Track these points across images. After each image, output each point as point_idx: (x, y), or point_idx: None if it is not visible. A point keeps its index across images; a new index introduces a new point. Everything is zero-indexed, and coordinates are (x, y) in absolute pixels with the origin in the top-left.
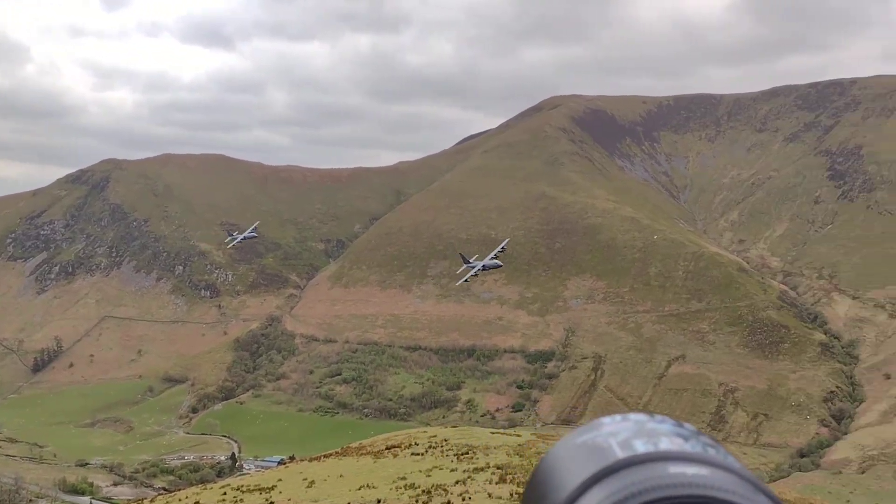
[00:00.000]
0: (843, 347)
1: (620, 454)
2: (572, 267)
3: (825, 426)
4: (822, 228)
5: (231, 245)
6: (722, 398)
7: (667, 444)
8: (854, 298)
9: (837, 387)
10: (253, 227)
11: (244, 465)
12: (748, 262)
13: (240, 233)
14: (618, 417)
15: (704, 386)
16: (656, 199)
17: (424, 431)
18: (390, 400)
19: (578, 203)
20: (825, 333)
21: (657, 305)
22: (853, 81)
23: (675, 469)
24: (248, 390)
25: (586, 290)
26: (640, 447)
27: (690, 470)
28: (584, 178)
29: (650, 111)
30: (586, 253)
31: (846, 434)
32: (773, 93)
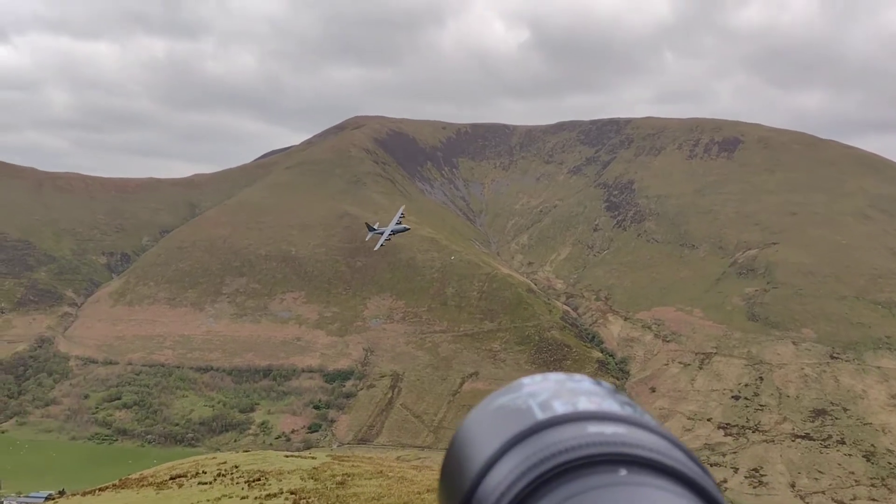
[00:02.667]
0: (616, 364)
1: (540, 415)
2: (373, 286)
3: None
4: (599, 254)
5: (379, 245)
6: None
7: (585, 403)
8: (626, 319)
9: None
10: (399, 213)
11: (4, 502)
12: (536, 284)
13: (381, 225)
14: (538, 378)
15: None
16: (454, 222)
17: (213, 458)
18: (177, 425)
19: (380, 222)
20: (602, 352)
21: (453, 325)
22: (628, 121)
23: (594, 428)
24: (10, 418)
25: (386, 309)
26: (560, 408)
27: (609, 429)
28: (386, 199)
29: (450, 137)
30: (387, 272)
31: None
32: (560, 127)
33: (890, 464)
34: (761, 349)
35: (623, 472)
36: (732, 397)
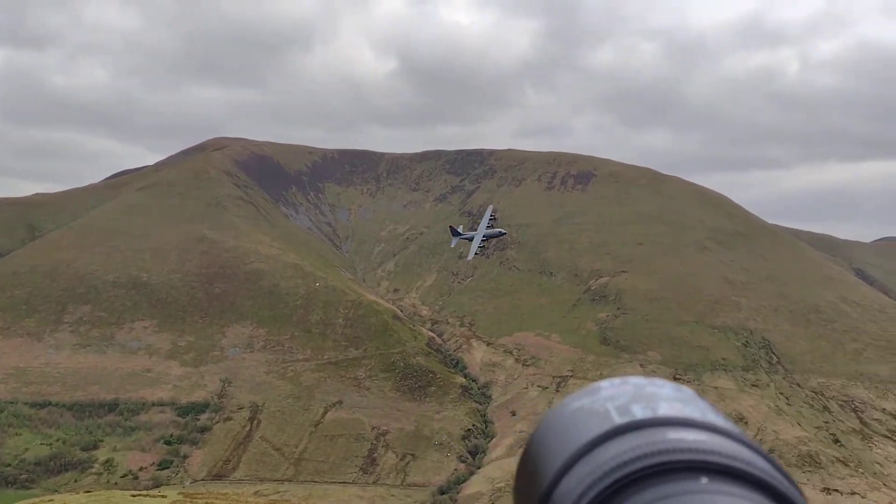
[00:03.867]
0: (479, 389)
1: (618, 420)
2: (232, 314)
3: (463, 462)
4: (464, 281)
5: (472, 254)
6: (374, 441)
7: (665, 408)
8: (488, 345)
9: (474, 425)
10: (489, 214)
11: None
12: (402, 311)
13: (468, 229)
14: (616, 381)
15: (359, 430)
16: (320, 248)
17: (51, 500)
18: (9, 465)
19: (241, 248)
20: (465, 377)
21: (317, 353)
22: (491, 152)
23: (675, 434)
24: None
25: (246, 337)
26: (639, 412)
27: (690, 435)
28: (248, 223)
29: (316, 162)
30: (248, 299)
31: (479, 468)
32: (426, 156)
33: None
34: (612, 371)
35: (704, 480)
36: None
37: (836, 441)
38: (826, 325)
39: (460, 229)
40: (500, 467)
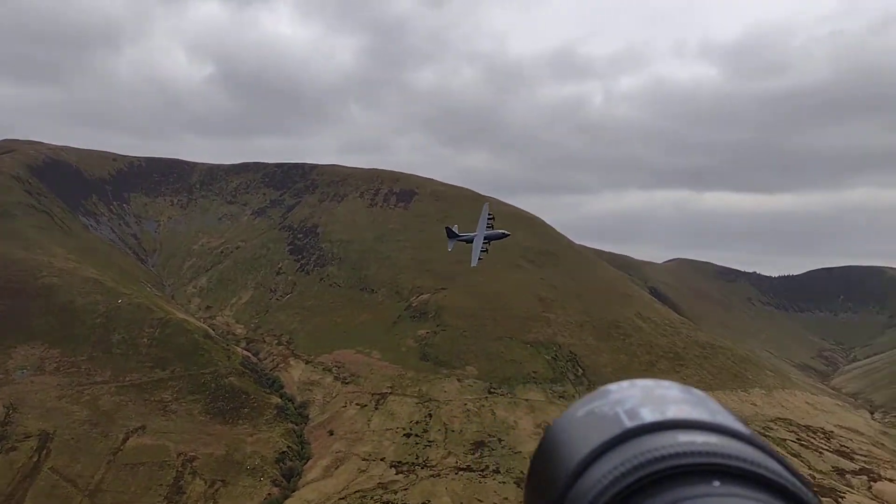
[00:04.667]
0: (296, 409)
1: (628, 423)
2: (20, 333)
3: (277, 486)
4: (282, 297)
5: (476, 259)
6: (180, 468)
7: (674, 411)
8: (307, 363)
9: (289, 446)
10: (485, 213)
11: None
12: (215, 329)
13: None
14: (624, 384)
15: (163, 457)
16: (123, 262)
17: None
18: None
19: (32, 260)
20: (281, 397)
21: (118, 375)
22: (313, 167)
23: (685, 437)
24: None
25: (36, 359)
26: (648, 416)
27: (700, 438)
28: (41, 234)
29: (121, 170)
30: (39, 317)
31: (294, 492)
32: (244, 167)
33: None
34: (431, 387)
35: (716, 483)
36: (405, 435)
37: None
38: (624, 339)
39: (455, 228)
40: (316, 489)
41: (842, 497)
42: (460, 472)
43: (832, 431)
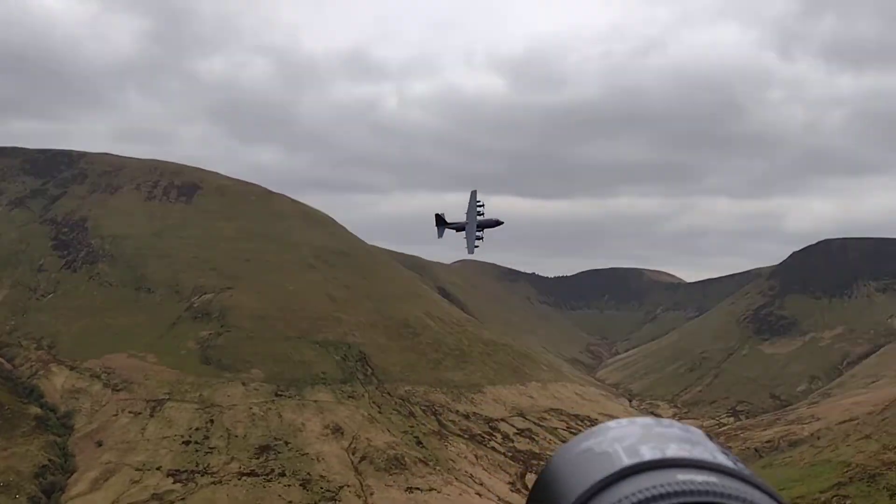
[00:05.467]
0: (58, 419)
1: (626, 461)
2: None
3: (35, 503)
4: (44, 297)
5: (473, 247)
6: None
7: (675, 450)
8: (72, 369)
9: (50, 460)
10: (474, 197)
11: None
12: None
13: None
14: (623, 422)
15: None
16: None
17: None
18: None
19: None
20: (41, 407)
21: None
22: (82, 155)
23: (684, 476)
24: None
25: None
26: (647, 453)
27: (699, 477)
28: None
29: None
30: None
31: None
32: (1, 152)
33: (322, 488)
34: (213, 392)
35: None
36: (183, 443)
37: (419, 443)
38: (414, 338)
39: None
40: (82, 503)
41: None
42: (244, 478)
43: (596, 419)
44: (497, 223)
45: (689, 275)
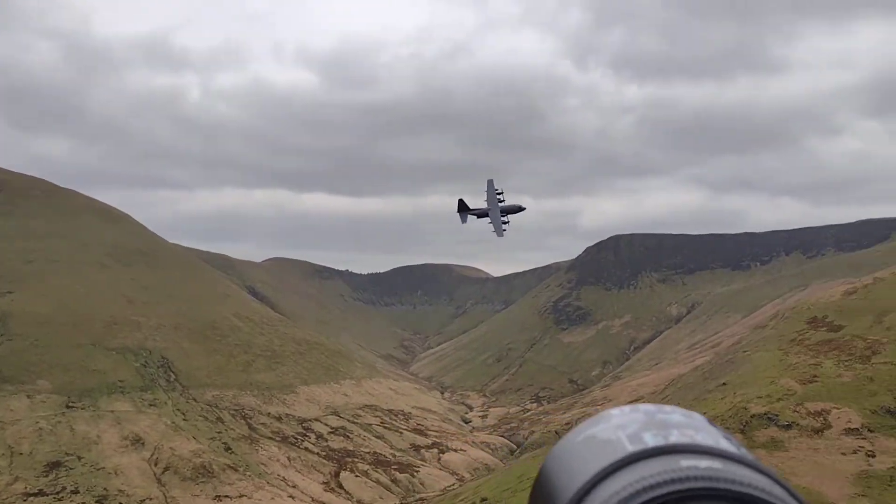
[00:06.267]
0: None
1: (630, 448)
2: None
3: None
4: None
5: (502, 231)
6: None
7: (677, 436)
8: None
9: None
10: (492, 186)
11: None
12: None
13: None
14: (626, 409)
15: None
16: None
17: None
18: None
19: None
20: None
21: None
22: None
23: (687, 462)
24: None
25: None
26: (651, 440)
27: (703, 463)
28: None
29: None
30: None
31: None
32: None
33: (121, 503)
34: None
35: None
36: None
37: (228, 449)
38: (221, 339)
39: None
40: None
41: (417, 470)
42: (31, 499)
43: (410, 413)
44: (520, 209)
45: (496, 269)
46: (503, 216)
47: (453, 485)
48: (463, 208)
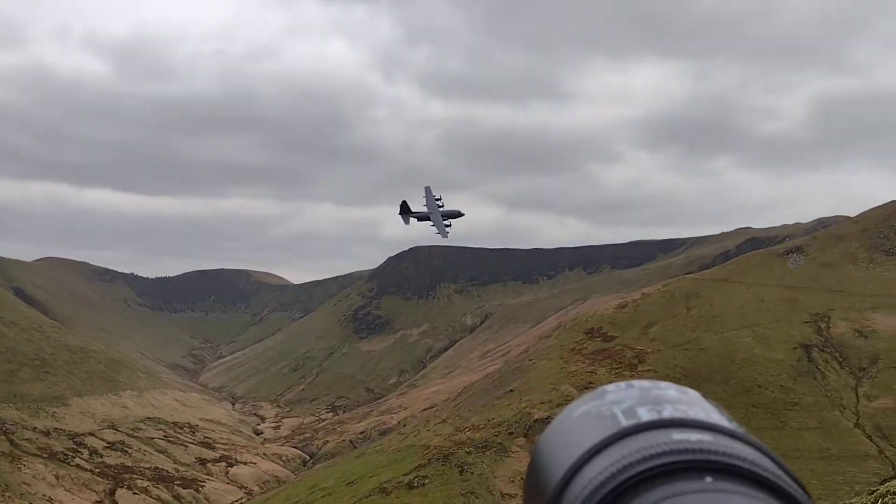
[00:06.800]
0: None
1: (625, 422)
2: None
3: None
4: None
5: (446, 232)
6: None
7: (670, 410)
8: None
9: None
10: (430, 191)
11: None
12: None
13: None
14: (622, 385)
15: None
16: None
17: None
18: None
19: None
20: None
21: None
22: None
23: (679, 436)
24: None
25: None
26: (644, 415)
27: (694, 436)
28: None
29: None
30: None
31: None
32: None
33: None
34: None
35: (709, 479)
36: None
37: None
38: None
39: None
40: None
41: (202, 485)
42: None
43: (198, 425)
44: (459, 214)
45: (297, 277)
46: (444, 220)
47: (241, 499)
48: (405, 210)
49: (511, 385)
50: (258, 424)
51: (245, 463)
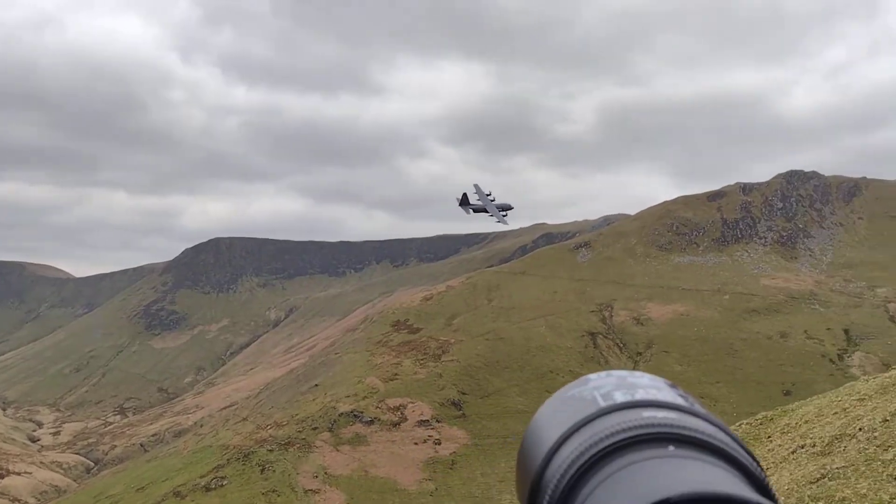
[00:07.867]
0: None
1: (602, 403)
2: None
3: None
4: None
5: (503, 221)
6: None
7: (642, 394)
8: None
9: None
10: (481, 189)
11: None
12: None
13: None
14: (602, 374)
15: None
16: None
17: None
18: None
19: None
20: None
21: None
22: None
23: (648, 413)
24: None
25: None
26: (619, 397)
27: (661, 414)
28: None
29: None
30: None
31: None
32: None
33: None
34: None
35: (671, 447)
36: None
37: None
38: None
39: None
40: None
41: None
42: None
43: None
44: (510, 207)
45: (80, 269)
46: (501, 211)
47: None
48: (465, 202)
49: (316, 380)
50: (34, 431)
51: (18, 473)
